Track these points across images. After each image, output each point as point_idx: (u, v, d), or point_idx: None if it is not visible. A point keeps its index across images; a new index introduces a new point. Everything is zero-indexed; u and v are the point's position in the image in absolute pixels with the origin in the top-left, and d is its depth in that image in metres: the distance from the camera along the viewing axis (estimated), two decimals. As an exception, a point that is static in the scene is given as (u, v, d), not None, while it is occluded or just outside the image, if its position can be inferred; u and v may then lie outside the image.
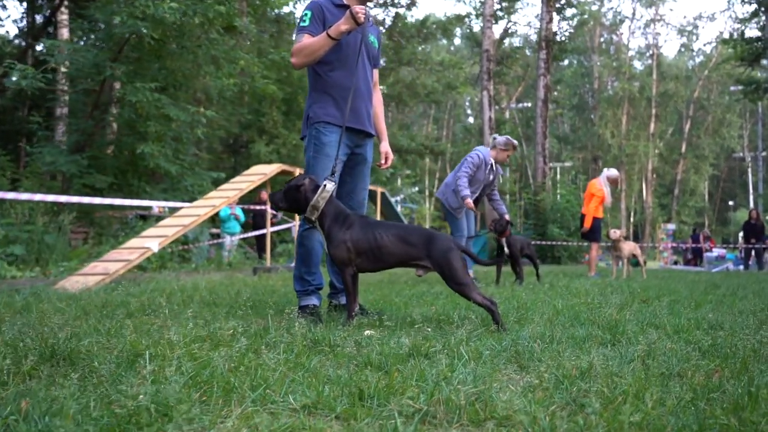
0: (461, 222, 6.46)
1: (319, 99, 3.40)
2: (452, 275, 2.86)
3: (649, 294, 5.24)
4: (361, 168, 3.56)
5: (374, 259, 2.96)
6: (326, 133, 3.36)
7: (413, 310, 3.61)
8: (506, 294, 4.75)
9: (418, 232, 3.01)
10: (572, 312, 3.47)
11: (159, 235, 6.03)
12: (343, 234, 2.95)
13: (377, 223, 3.06)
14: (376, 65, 3.63)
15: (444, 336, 2.61)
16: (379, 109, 3.67)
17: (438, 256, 2.89)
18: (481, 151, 6.49)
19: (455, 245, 2.94)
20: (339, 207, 3.05)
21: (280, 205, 3.11)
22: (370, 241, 2.93)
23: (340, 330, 2.69)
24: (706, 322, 3.27)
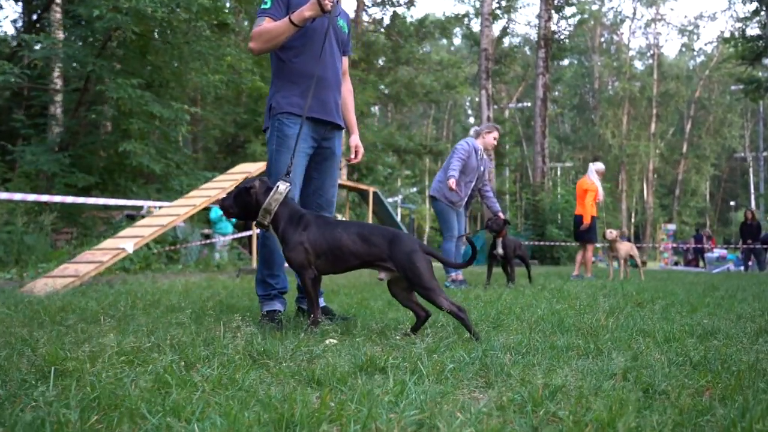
0: (453, 221, 6.22)
1: (282, 88, 3.18)
2: (416, 278, 2.62)
3: (644, 297, 5.00)
4: (330, 163, 3.32)
5: (334, 261, 2.74)
6: (289, 124, 3.13)
7: (388, 316, 3.38)
8: (492, 297, 4.51)
9: (380, 231, 2.78)
10: (556, 317, 3.23)
11: (135, 236, 5.79)
12: (299, 235, 2.74)
13: (336, 222, 2.85)
14: (345, 52, 3.39)
15: (411, 345, 2.38)
16: (348, 99, 3.43)
17: (401, 257, 2.65)
18: (468, 140, 6.33)
19: (420, 247, 2.69)
20: (293, 208, 2.84)
21: (231, 211, 2.90)
22: (329, 241, 2.73)
23: (301, 338, 2.46)
24: (700, 328, 3.03)
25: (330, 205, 3.35)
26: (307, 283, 2.75)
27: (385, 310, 3.64)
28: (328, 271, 2.82)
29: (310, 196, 3.32)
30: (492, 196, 6.55)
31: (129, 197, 9.55)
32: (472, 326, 2.62)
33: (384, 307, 3.82)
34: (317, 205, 3.31)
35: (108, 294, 4.57)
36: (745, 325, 3.19)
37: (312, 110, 3.12)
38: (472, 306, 3.86)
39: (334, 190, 3.37)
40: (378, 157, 24.86)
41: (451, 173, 5.95)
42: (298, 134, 2.99)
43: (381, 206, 11.86)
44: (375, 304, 3.95)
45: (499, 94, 42.31)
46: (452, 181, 5.90)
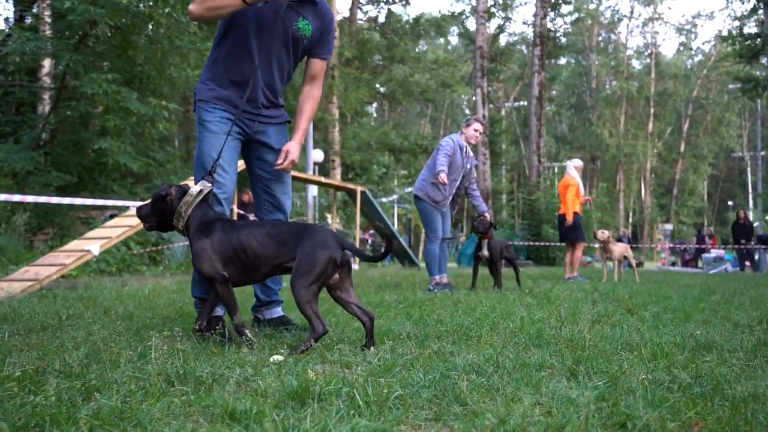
0: (437, 221, 5.94)
1: (211, 74, 2.95)
2: (299, 274, 2.38)
3: (635, 302, 4.73)
4: (272, 159, 3.05)
5: (244, 267, 2.50)
6: (210, 109, 2.89)
7: (353, 325, 3.11)
8: (474, 302, 4.23)
9: (291, 227, 2.55)
10: (536, 327, 2.96)
11: (102, 237, 5.51)
12: (203, 242, 2.51)
13: (244, 224, 2.60)
14: (316, 55, 3.06)
15: (363, 363, 2.11)
16: (306, 103, 3.08)
17: (304, 251, 2.40)
18: (453, 137, 6.06)
19: (335, 244, 2.43)
20: (205, 213, 2.60)
21: (149, 221, 2.69)
22: (235, 246, 2.49)
23: (241, 354, 2.19)
24: (692, 340, 2.76)
25: (281, 203, 3.08)
26: (218, 290, 2.51)
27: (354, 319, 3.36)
28: (243, 281, 2.57)
29: (260, 194, 3.07)
30: (478, 195, 6.27)
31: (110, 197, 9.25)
32: (311, 346, 2.36)
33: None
34: (268, 203, 3.05)
35: (65, 299, 4.29)
36: (741, 337, 2.92)
37: (232, 102, 2.90)
38: (449, 313, 3.59)
39: (284, 186, 3.10)
40: (372, 156, 24.60)
41: (440, 168, 5.68)
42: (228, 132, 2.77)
43: (370, 206, 11.58)
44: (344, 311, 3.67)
45: (496, 93, 42.11)
46: (443, 175, 5.64)
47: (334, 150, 22.52)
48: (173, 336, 2.58)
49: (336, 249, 2.42)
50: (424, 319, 3.20)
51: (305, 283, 2.36)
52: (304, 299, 2.36)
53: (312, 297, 2.38)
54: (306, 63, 3.10)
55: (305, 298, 2.36)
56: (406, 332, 2.81)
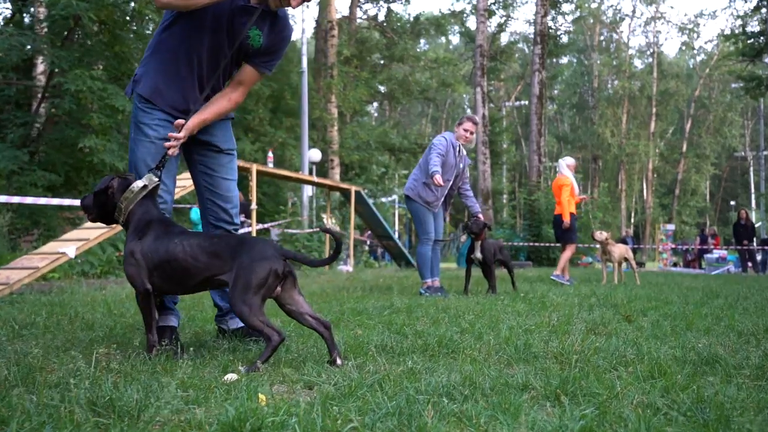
0: (430, 223, 5.71)
1: (156, 63, 2.72)
2: (239, 288, 2.20)
3: (635, 307, 4.50)
4: (217, 159, 2.84)
5: (171, 278, 2.34)
6: (148, 110, 2.67)
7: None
8: (463, 309, 4.01)
9: (226, 239, 2.39)
10: (525, 339, 2.73)
11: (79, 239, 5.30)
12: (134, 244, 2.36)
13: (179, 231, 2.41)
14: (256, 65, 2.78)
15: (328, 382, 1.89)
16: (223, 100, 2.74)
17: (242, 264, 2.23)
18: (446, 135, 5.82)
19: (275, 254, 2.26)
20: (146, 211, 2.44)
21: (91, 212, 2.52)
22: (162, 255, 2.32)
23: (188, 372, 1.97)
24: (694, 353, 2.53)
25: (229, 202, 2.87)
26: (139, 301, 2.36)
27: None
28: (169, 290, 2.42)
29: (205, 194, 2.85)
30: (471, 196, 6.03)
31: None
32: (266, 359, 2.19)
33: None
34: (214, 204, 2.84)
35: (34, 305, 4.08)
36: (747, 349, 2.69)
37: (171, 101, 2.69)
38: (432, 321, 3.36)
39: (230, 184, 2.88)
40: (372, 156, 24.35)
41: (434, 169, 5.46)
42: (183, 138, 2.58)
43: (365, 206, 11.34)
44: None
45: (498, 93, 41.86)
46: (438, 177, 5.42)
47: (332, 149, 22.29)
48: (124, 349, 2.37)
49: (276, 260, 2.25)
50: (404, 330, 2.98)
51: (244, 297, 2.20)
52: (246, 313, 2.20)
53: (256, 309, 2.21)
54: (239, 69, 2.85)
55: (248, 312, 2.20)
56: (383, 345, 2.59)
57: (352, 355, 2.37)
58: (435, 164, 5.50)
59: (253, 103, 21.66)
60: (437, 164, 5.51)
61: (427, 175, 5.67)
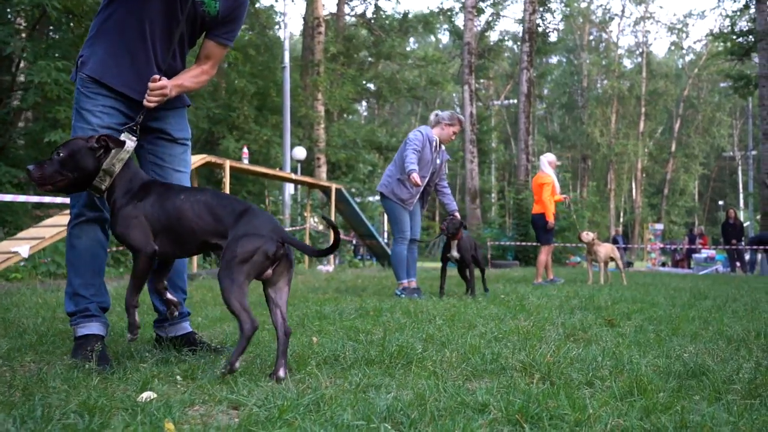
0: (405, 221, 5.44)
1: (103, 39, 2.43)
2: (226, 259, 2.05)
3: (619, 310, 4.27)
4: (169, 149, 2.58)
5: (174, 240, 2.19)
6: (92, 95, 2.39)
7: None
8: (435, 311, 3.75)
9: (232, 202, 2.22)
10: (494, 348, 2.48)
11: (34, 238, 5.00)
12: (135, 207, 2.18)
13: (180, 188, 2.27)
14: (208, 35, 2.56)
15: (258, 403, 1.63)
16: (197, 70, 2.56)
17: (237, 235, 2.08)
18: (422, 130, 5.52)
19: (271, 234, 2.08)
20: (135, 173, 2.28)
21: (56, 180, 2.18)
22: (170, 212, 2.18)
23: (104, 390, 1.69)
24: (680, 363, 2.29)
25: None
26: (140, 265, 2.15)
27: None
28: (168, 254, 2.24)
29: None
30: (449, 193, 5.76)
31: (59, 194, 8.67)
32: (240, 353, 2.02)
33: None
34: None
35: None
36: (738, 358, 2.46)
37: (123, 79, 2.41)
38: (397, 327, 3.10)
39: (181, 176, 2.61)
40: (359, 154, 24.06)
41: (411, 167, 5.19)
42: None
43: (346, 204, 11.05)
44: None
45: (487, 91, 41.69)
46: (415, 176, 5.17)
47: (318, 148, 21.99)
48: (43, 359, 2.10)
49: (270, 241, 2.07)
50: (362, 337, 2.72)
51: (229, 271, 2.04)
52: (228, 291, 2.03)
53: (238, 290, 2.03)
54: (201, 45, 2.62)
55: (228, 287, 2.03)
56: (335, 355, 2.33)
57: (297, 368, 2.11)
58: (411, 162, 5.23)
59: (238, 100, 21.32)
60: (413, 161, 5.25)
61: (402, 171, 5.41)
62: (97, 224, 2.44)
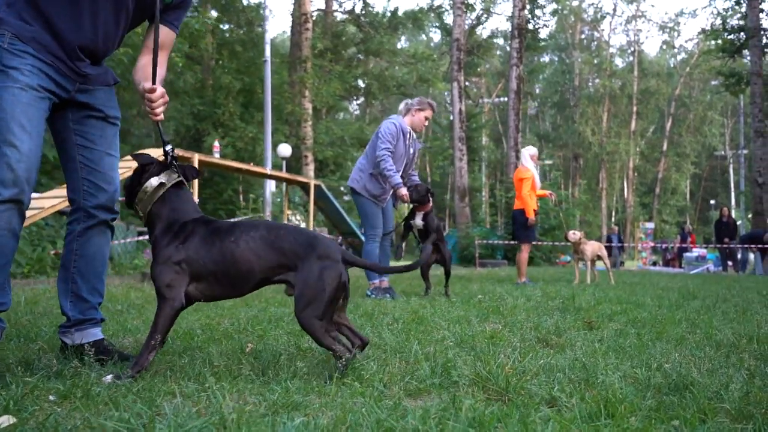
0: (377, 218, 5.11)
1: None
2: (307, 301, 1.91)
3: (602, 311, 3.97)
4: (99, 128, 2.25)
5: (227, 283, 2.00)
6: (18, 52, 2.03)
7: (198, 353, 2.30)
8: (397, 313, 3.44)
9: (295, 233, 2.04)
10: (448, 357, 2.17)
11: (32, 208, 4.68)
12: (173, 250, 1.99)
13: (231, 226, 2.06)
14: (164, 21, 2.27)
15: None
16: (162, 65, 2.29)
17: (312, 269, 1.92)
18: (395, 120, 5.18)
19: (341, 257, 1.99)
20: (175, 208, 2.09)
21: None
22: (216, 257, 1.99)
23: None
24: (660, 375, 1.99)
25: (111, 184, 2.27)
26: (163, 315, 1.93)
27: (211, 343, 2.56)
28: (222, 296, 2.06)
29: (81, 173, 2.24)
30: (416, 178, 5.40)
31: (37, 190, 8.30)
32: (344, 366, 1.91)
33: (230, 332, 2.72)
34: (93, 185, 2.23)
35: None
36: (728, 368, 2.15)
37: (62, 27, 2.09)
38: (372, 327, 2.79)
39: (112, 161, 2.29)
40: (347, 152, 23.72)
41: (396, 180, 4.91)
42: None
43: (326, 201, 10.70)
44: (215, 331, 2.85)
45: (479, 90, 41.42)
46: (403, 191, 4.91)
47: (306, 145, 21.65)
48: None
49: (342, 267, 1.98)
50: (301, 345, 2.40)
51: (317, 312, 1.91)
52: (318, 331, 1.91)
53: (328, 326, 1.98)
54: (148, 30, 2.32)
55: (320, 329, 1.92)
56: (263, 367, 2.01)
57: (212, 381, 1.79)
58: (392, 171, 4.92)
59: (223, 97, 20.96)
60: (394, 171, 4.95)
61: (374, 165, 5.10)
62: (12, 206, 2.00)
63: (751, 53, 19.14)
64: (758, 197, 17.30)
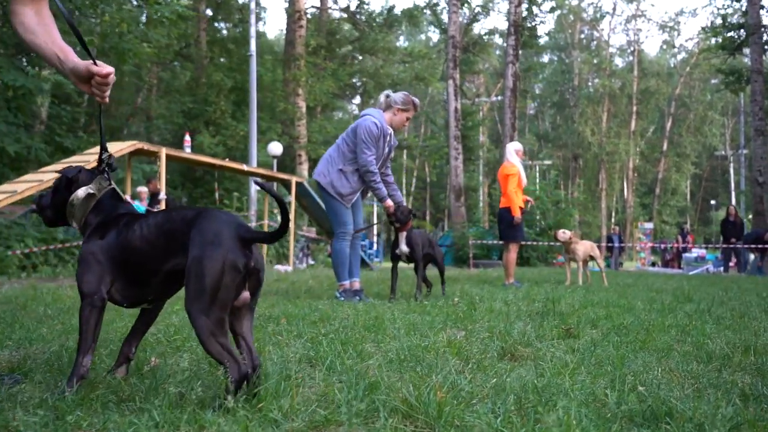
0: (347, 214, 4.74)
1: None
2: (191, 292, 1.55)
3: (586, 316, 3.61)
4: None
5: (132, 281, 1.75)
6: None
7: (103, 362, 1.95)
8: (356, 318, 3.08)
9: (185, 210, 1.74)
10: (382, 377, 1.81)
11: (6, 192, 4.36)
12: (94, 244, 1.79)
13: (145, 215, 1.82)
14: None
15: None
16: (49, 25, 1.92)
17: (193, 252, 1.58)
18: (377, 118, 4.74)
19: (225, 234, 1.58)
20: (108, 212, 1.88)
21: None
22: (122, 246, 1.75)
23: None
24: (635, 398, 1.63)
25: None
26: (84, 316, 1.71)
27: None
28: (137, 299, 1.78)
29: None
30: (393, 182, 5.01)
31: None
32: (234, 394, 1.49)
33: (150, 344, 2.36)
34: None
35: None
36: (718, 385, 1.80)
37: None
38: (284, 343, 2.44)
39: None
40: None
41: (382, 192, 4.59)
42: None
43: (309, 199, 10.30)
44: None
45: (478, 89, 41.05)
46: (388, 202, 4.58)
47: (299, 144, 21.30)
48: None
49: (235, 249, 1.57)
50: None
51: (204, 307, 1.53)
52: (204, 332, 1.53)
53: (217, 327, 1.54)
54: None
55: (208, 330, 1.53)
56: (160, 383, 1.65)
57: (64, 409, 1.43)
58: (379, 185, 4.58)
59: (215, 94, 20.61)
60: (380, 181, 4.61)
61: (345, 161, 4.72)
62: None
63: (751, 50, 18.76)
64: (758, 197, 16.93)
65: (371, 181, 4.62)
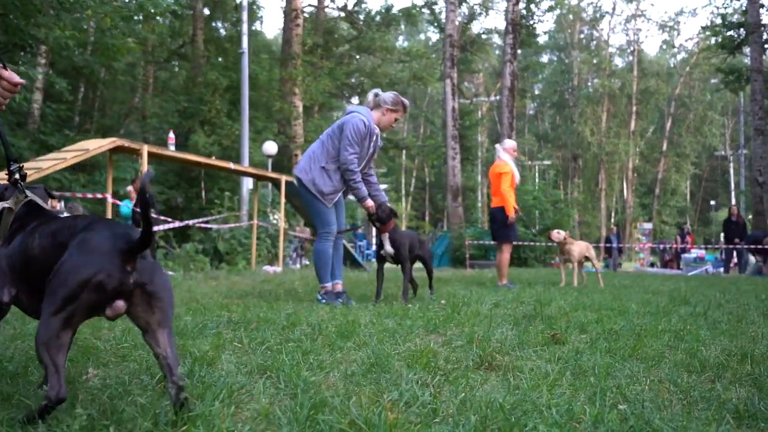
0: (330, 215, 4.56)
1: None
2: (47, 297, 1.43)
3: (575, 320, 3.43)
4: None
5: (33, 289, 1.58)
6: None
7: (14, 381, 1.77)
8: (326, 322, 2.90)
9: (78, 217, 1.65)
10: (338, 392, 1.63)
11: None
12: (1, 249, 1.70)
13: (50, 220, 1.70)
14: None
15: None
16: None
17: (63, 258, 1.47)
18: (365, 116, 4.54)
19: (108, 253, 1.43)
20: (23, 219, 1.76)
21: None
22: (19, 252, 1.64)
23: None
24: (616, 416, 1.46)
25: None
26: None
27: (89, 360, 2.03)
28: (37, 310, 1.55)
29: None
30: (376, 182, 4.83)
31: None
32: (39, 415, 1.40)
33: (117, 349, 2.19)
34: None
35: None
36: (709, 400, 1.62)
37: None
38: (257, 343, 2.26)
39: None
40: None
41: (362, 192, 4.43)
42: None
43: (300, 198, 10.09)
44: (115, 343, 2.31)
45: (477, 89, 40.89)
46: (370, 203, 4.42)
47: (296, 143, 21.13)
48: None
49: (110, 264, 1.41)
50: (154, 372, 1.86)
51: (47, 314, 1.42)
52: (42, 335, 1.41)
53: (52, 336, 1.40)
54: None
55: (44, 334, 1.41)
56: (79, 403, 1.48)
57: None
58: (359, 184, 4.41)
59: (210, 93, 20.43)
60: (360, 183, 4.45)
61: (328, 158, 4.54)
62: None
63: (751, 49, 18.58)
64: (758, 197, 16.75)
65: (351, 180, 4.45)
